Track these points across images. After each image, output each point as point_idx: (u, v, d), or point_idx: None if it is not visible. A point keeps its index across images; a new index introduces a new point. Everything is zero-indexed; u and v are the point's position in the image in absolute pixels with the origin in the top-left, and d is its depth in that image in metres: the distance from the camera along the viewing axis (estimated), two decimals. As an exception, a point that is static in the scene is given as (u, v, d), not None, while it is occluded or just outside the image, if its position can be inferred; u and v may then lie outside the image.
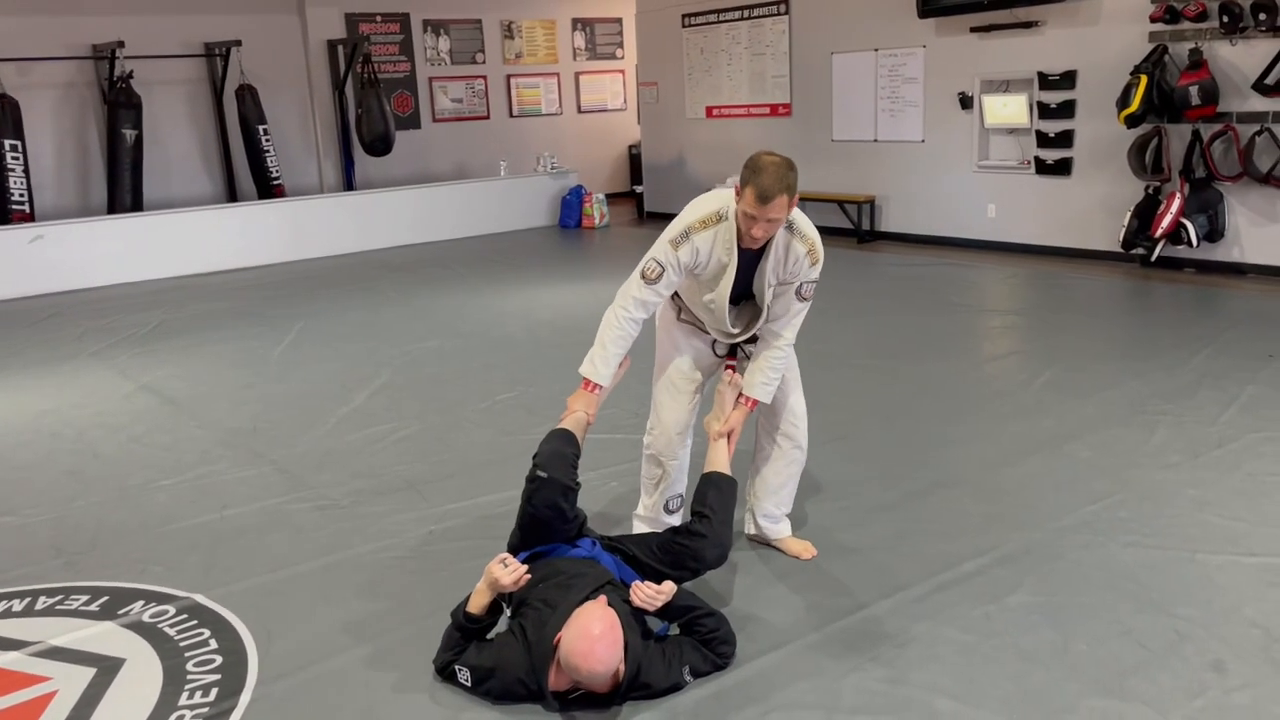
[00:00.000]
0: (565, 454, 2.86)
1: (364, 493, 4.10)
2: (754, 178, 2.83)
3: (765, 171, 2.82)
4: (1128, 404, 4.72)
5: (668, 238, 3.00)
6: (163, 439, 4.89)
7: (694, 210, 3.03)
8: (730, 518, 2.98)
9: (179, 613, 3.18)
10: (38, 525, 3.93)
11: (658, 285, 3.00)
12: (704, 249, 2.98)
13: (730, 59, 11.18)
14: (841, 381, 5.31)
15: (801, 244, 3.04)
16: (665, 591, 2.63)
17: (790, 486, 3.41)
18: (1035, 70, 8.47)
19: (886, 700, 2.58)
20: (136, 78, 10.06)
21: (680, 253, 2.97)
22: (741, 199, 2.87)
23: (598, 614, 2.50)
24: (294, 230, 10.34)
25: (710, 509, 2.91)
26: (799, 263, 3.05)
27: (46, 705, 2.71)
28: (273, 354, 6.42)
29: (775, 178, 2.81)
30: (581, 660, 2.43)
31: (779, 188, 2.81)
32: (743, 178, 2.88)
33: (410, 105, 12.64)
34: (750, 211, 2.84)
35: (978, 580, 3.16)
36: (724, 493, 2.99)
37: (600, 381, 3.02)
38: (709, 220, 2.98)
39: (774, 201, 2.81)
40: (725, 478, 3.03)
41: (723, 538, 2.90)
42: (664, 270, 2.98)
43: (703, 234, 2.98)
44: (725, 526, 2.92)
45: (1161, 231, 7.57)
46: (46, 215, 9.93)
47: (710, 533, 2.86)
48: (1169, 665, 2.67)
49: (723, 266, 3.01)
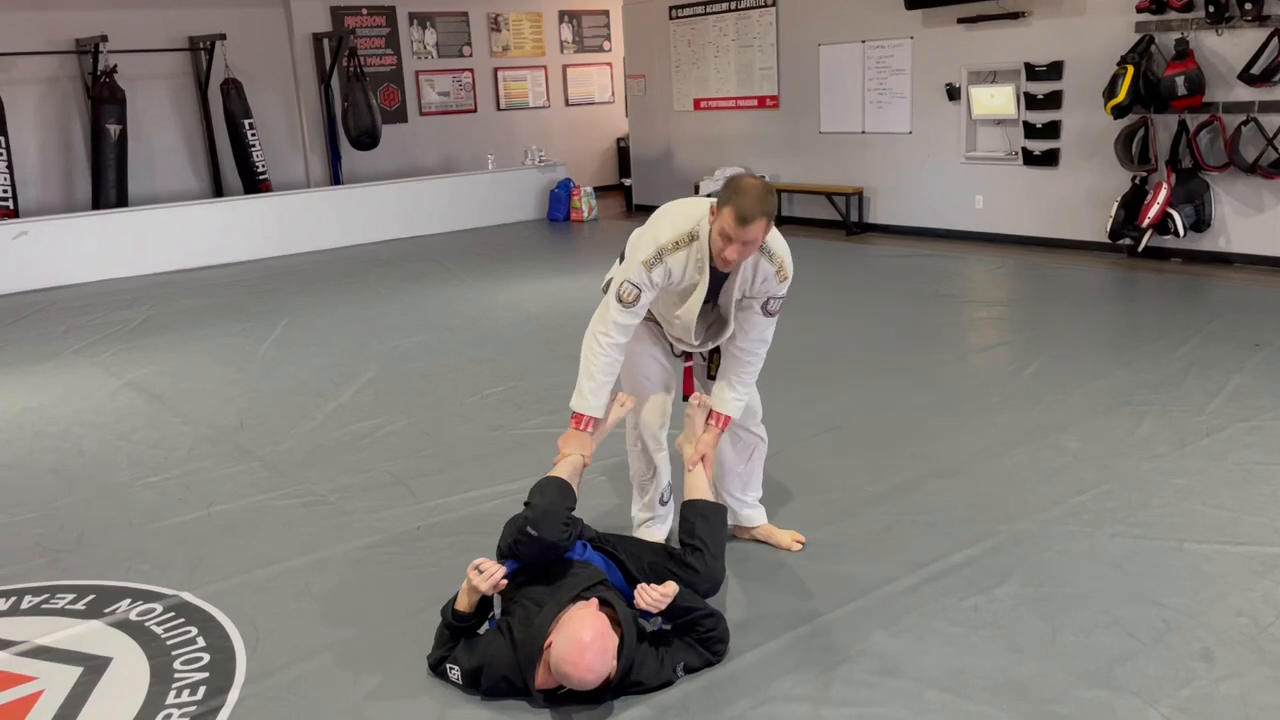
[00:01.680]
0: (558, 513, 2.73)
1: (352, 488, 4.09)
2: (735, 198, 2.77)
3: (747, 194, 2.76)
4: (1115, 394, 4.73)
5: (640, 258, 2.92)
6: (148, 436, 4.86)
7: (667, 226, 2.95)
8: (722, 550, 2.94)
9: (166, 611, 3.16)
10: (22, 524, 3.90)
11: (635, 307, 2.93)
12: (676, 270, 2.93)
13: (718, 51, 11.16)
14: (830, 373, 5.31)
15: (770, 263, 2.99)
16: (669, 593, 2.61)
17: (756, 471, 3.39)
18: (1022, 61, 8.47)
19: (876, 692, 2.58)
20: (120, 72, 9.98)
21: (654, 274, 2.91)
22: (719, 217, 2.81)
23: (588, 621, 2.48)
24: (280, 225, 10.29)
25: (701, 541, 2.87)
26: (767, 280, 3.01)
27: (33, 705, 2.69)
28: (259, 350, 6.39)
29: (756, 200, 2.75)
30: (572, 669, 2.42)
31: (759, 211, 2.75)
32: (722, 197, 2.81)
33: (397, 99, 12.58)
34: (728, 231, 2.77)
35: (966, 571, 3.16)
36: (712, 523, 2.94)
37: (594, 414, 2.94)
38: (681, 241, 2.91)
39: (753, 224, 2.75)
40: (711, 506, 2.99)
41: (715, 571, 2.86)
42: (640, 292, 2.92)
43: (675, 255, 2.92)
44: (717, 559, 2.89)
45: (1148, 221, 7.59)
46: (30, 211, 9.86)
47: (703, 567, 2.83)
48: (1157, 655, 2.68)
49: (694, 285, 2.96)
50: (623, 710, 2.54)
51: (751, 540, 3.43)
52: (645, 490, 3.37)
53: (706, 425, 3.13)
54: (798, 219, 10.64)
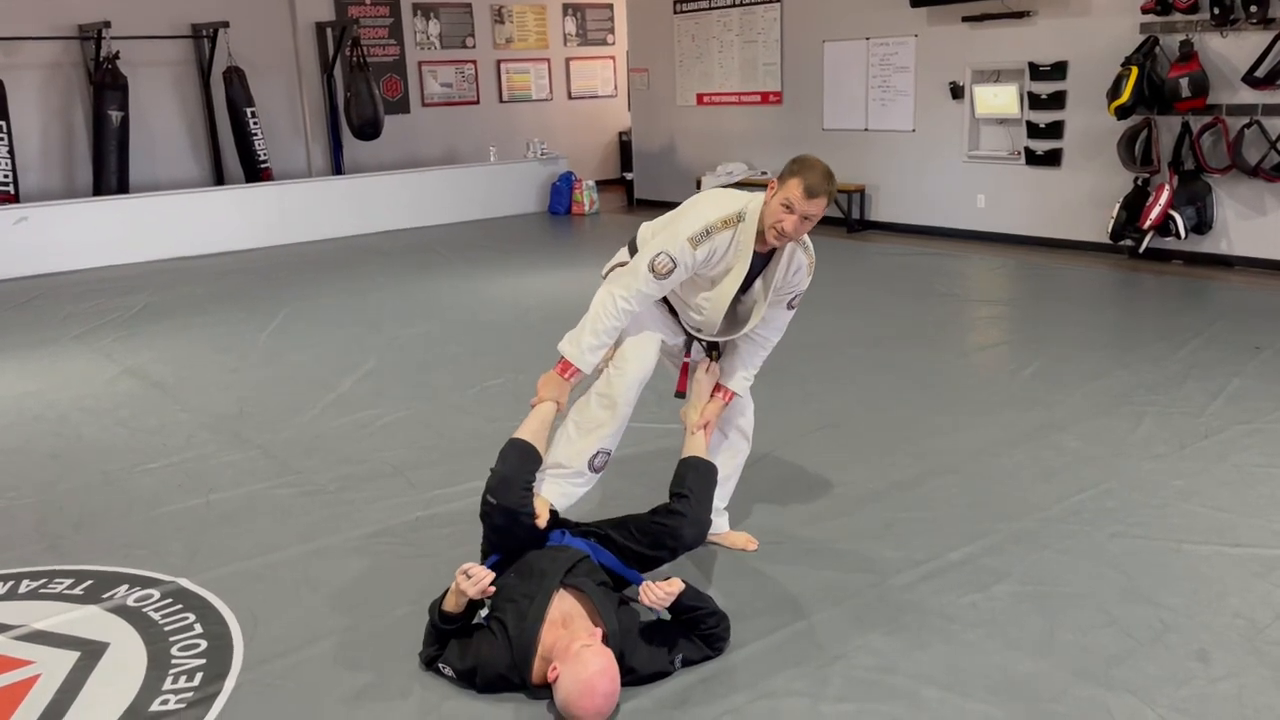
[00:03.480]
0: (516, 479, 2.74)
1: (351, 478, 4.08)
2: (804, 172, 2.80)
3: (815, 169, 2.81)
4: (1115, 394, 4.73)
5: (686, 234, 2.86)
6: (148, 422, 4.85)
7: (713, 207, 2.92)
8: (709, 499, 2.96)
9: (164, 597, 3.16)
10: (20, 508, 3.90)
11: (665, 281, 2.88)
12: (721, 249, 2.89)
13: (721, 46, 11.14)
14: (830, 370, 5.31)
15: (805, 255, 3.04)
16: (673, 590, 2.60)
17: (734, 479, 3.36)
18: (1026, 60, 8.46)
19: (873, 688, 2.58)
20: (123, 59, 9.95)
21: (699, 251, 2.86)
22: (783, 188, 2.81)
23: (587, 659, 2.42)
24: (281, 214, 10.27)
25: (689, 489, 2.90)
26: (799, 273, 3.04)
27: (30, 689, 2.69)
28: (259, 338, 6.38)
29: (824, 178, 2.80)
30: (584, 712, 2.40)
31: (825, 188, 2.79)
32: (788, 169, 2.84)
33: (399, 89, 12.55)
34: (793, 202, 2.78)
35: (965, 569, 3.16)
36: (703, 475, 2.98)
37: (584, 368, 2.91)
38: (731, 220, 2.89)
39: (819, 199, 2.79)
40: (705, 461, 3.02)
41: (701, 517, 2.89)
42: (675, 267, 2.86)
43: (724, 234, 2.88)
44: (703, 506, 2.91)
45: (1150, 223, 7.58)
46: (31, 197, 9.84)
47: (689, 511, 2.84)
48: (1154, 655, 2.69)
49: (729, 269, 2.93)
50: (621, 703, 2.54)
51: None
52: (585, 435, 2.97)
53: (713, 396, 3.13)
54: (799, 216, 10.61)
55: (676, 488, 2.93)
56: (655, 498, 3.72)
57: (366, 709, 2.58)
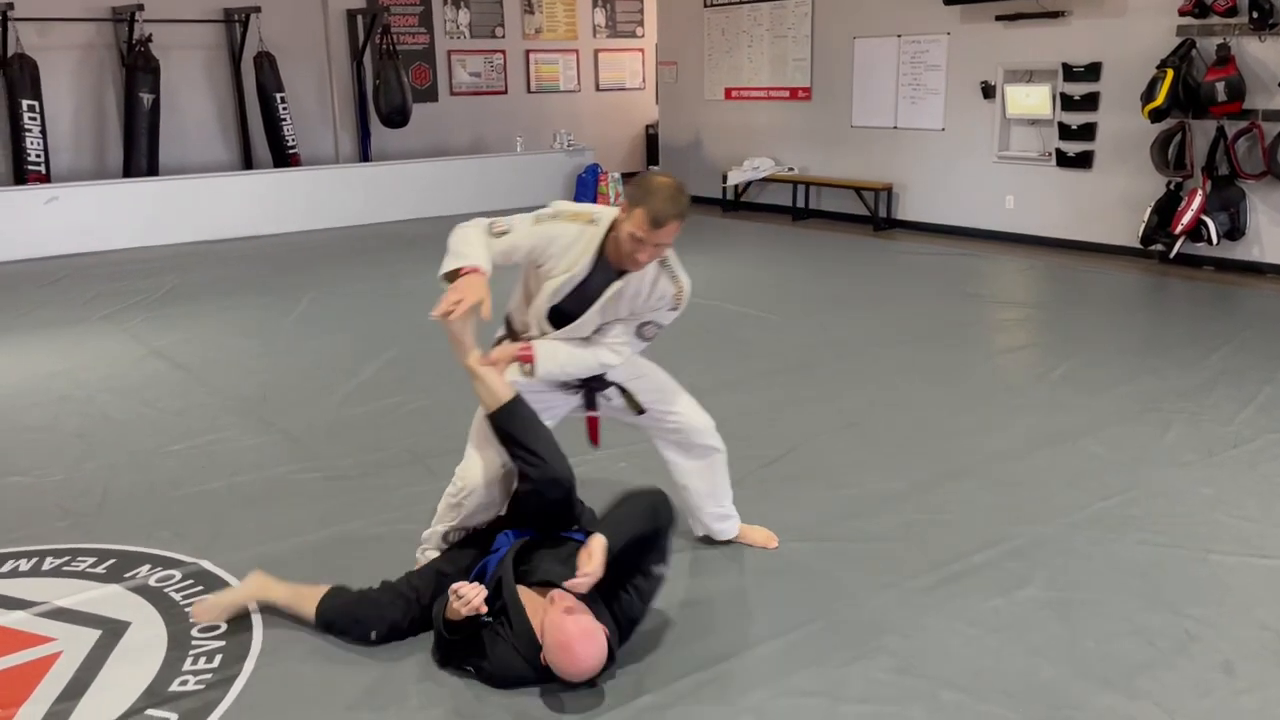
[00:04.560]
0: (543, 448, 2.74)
1: (372, 465, 4.10)
2: (648, 199, 2.63)
3: (660, 193, 2.64)
4: (1143, 400, 4.68)
5: (534, 214, 2.80)
6: (173, 404, 4.89)
7: (570, 203, 2.85)
8: (544, 445, 2.76)
9: (185, 578, 3.18)
10: (46, 486, 3.93)
11: (496, 241, 2.74)
12: (560, 242, 2.75)
13: (751, 40, 11.09)
14: (854, 369, 5.28)
15: (671, 284, 2.84)
16: (593, 570, 2.49)
17: (723, 483, 3.22)
18: (1060, 61, 8.37)
19: (892, 690, 2.56)
20: (155, 42, 10.01)
21: (538, 227, 2.75)
22: (629, 218, 2.66)
23: (558, 622, 2.45)
24: (309, 200, 10.32)
25: (520, 450, 2.74)
26: (662, 300, 2.84)
27: (51, 665, 2.72)
28: (284, 323, 6.41)
29: (669, 201, 2.63)
30: (576, 669, 2.45)
31: (673, 212, 2.63)
32: (633, 197, 2.67)
33: (428, 78, 12.57)
34: (640, 235, 2.63)
35: (986, 573, 3.14)
36: (520, 422, 2.75)
37: (484, 266, 2.69)
38: (581, 216, 2.77)
39: (667, 227, 2.63)
40: (508, 406, 2.77)
41: (550, 472, 2.73)
42: (509, 234, 2.74)
43: (568, 226, 2.76)
44: (547, 459, 2.73)
45: (1182, 228, 7.49)
46: (62, 177, 9.92)
47: (538, 475, 2.72)
48: (1177, 665, 2.65)
49: (568, 269, 2.76)
50: (634, 698, 2.54)
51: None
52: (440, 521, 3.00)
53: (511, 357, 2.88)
54: (825, 213, 10.58)
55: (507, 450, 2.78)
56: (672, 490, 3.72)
57: (385, 694, 2.58)
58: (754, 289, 7.26)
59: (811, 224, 10.36)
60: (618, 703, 2.52)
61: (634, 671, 2.65)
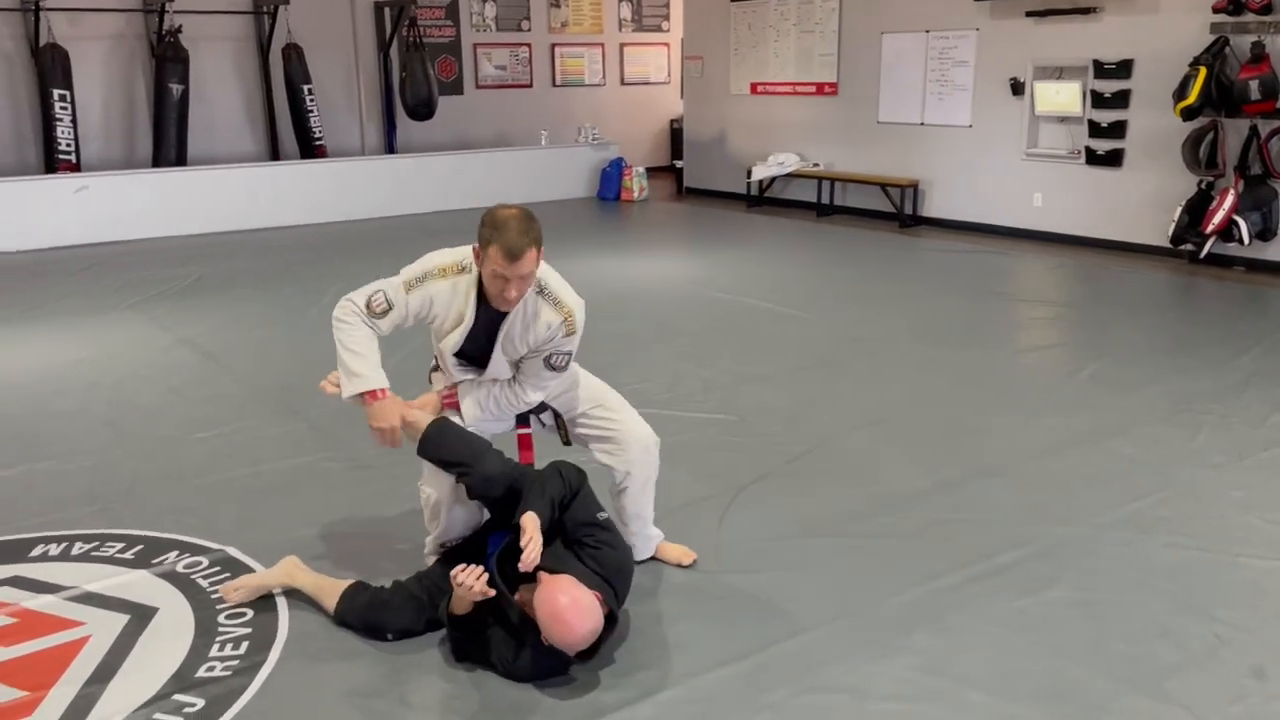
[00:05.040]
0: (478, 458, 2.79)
1: (397, 454, 4.08)
2: (498, 235, 2.60)
3: (508, 227, 2.61)
4: (1172, 401, 4.63)
5: (402, 278, 2.81)
6: (199, 392, 4.92)
7: (439, 256, 2.84)
8: (470, 449, 2.80)
9: (212, 564, 3.21)
10: (75, 472, 3.97)
11: (380, 321, 2.81)
12: (440, 299, 2.78)
13: (778, 35, 11.04)
14: (880, 367, 5.25)
15: (555, 312, 2.79)
16: (531, 542, 2.51)
17: (650, 498, 3.13)
18: (1091, 58, 8.29)
19: (918, 689, 2.54)
20: (185, 33, 10.08)
21: (411, 297, 2.78)
22: (486, 260, 2.65)
23: (545, 596, 2.49)
24: (334, 191, 10.37)
25: (452, 469, 2.80)
26: (551, 331, 2.80)
27: (80, 649, 2.74)
28: (309, 313, 6.44)
29: (520, 232, 2.61)
30: (572, 637, 2.47)
31: (526, 242, 2.61)
32: (484, 237, 2.65)
33: (454, 70, 12.60)
34: (500, 271, 2.62)
35: (1013, 573, 3.11)
36: (435, 445, 2.83)
37: (383, 385, 2.84)
38: (449, 269, 2.78)
39: (524, 257, 2.61)
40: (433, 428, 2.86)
41: (481, 472, 2.75)
42: (390, 309, 2.79)
43: (440, 283, 2.78)
44: (473, 464, 2.76)
45: (1213, 228, 7.41)
46: (92, 166, 10.01)
47: (472, 482, 2.77)
48: (1207, 668, 2.62)
49: (460, 319, 2.80)
50: (657, 691, 2.54)
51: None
52: (429, 531, 3.07)
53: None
54: (850, 209, 10.53)
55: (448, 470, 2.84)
56: (697, 482, 3.71)
57: (408, 686, 2.59)
58: (779, 285, 7.23)
59: (836, 220, 10.31)
60: (641, 696, 2.52)
61: (658, 665, 2.65)
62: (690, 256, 8.57)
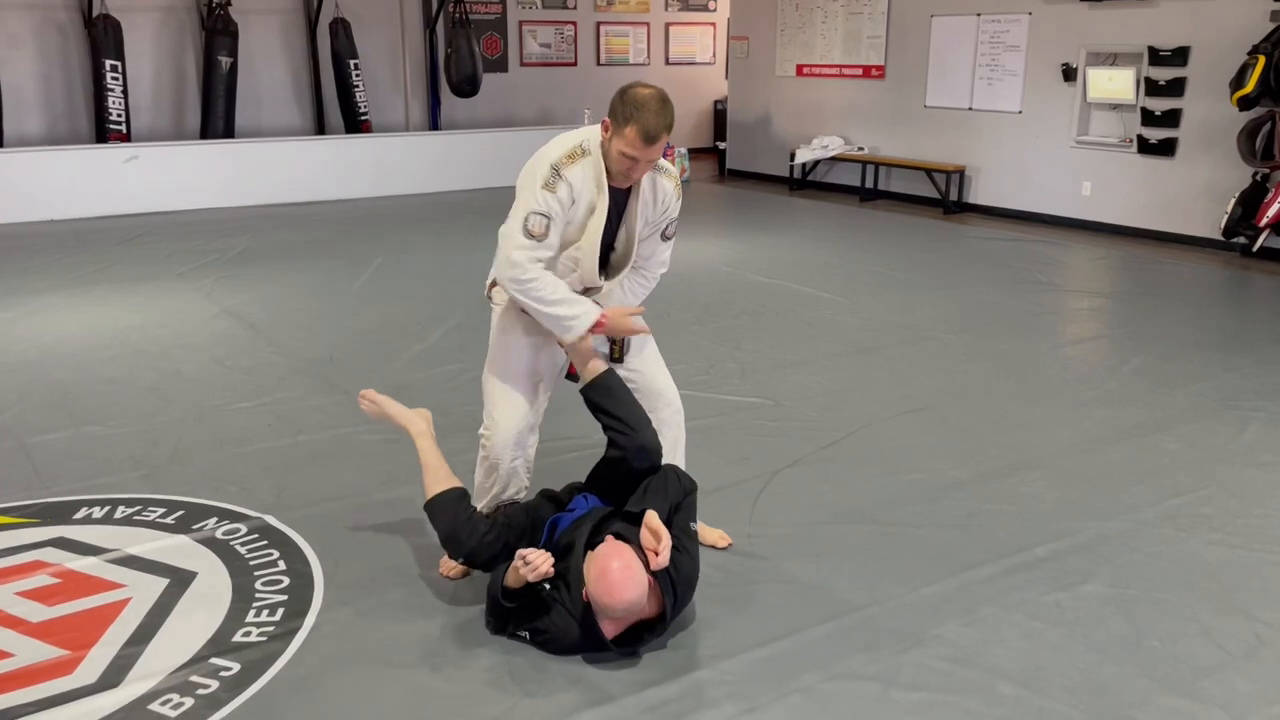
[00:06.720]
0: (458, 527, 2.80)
1: (435, 429, 4.12)
2: (638, 115, 2.54)
3: (648, 108, 2.55)
4: (1219, 397, 4.54)
5: (537, 185, 2.64)
6: (243, 362, 4.98)
7: (552, 149, 2.70)
8: (636, 415, 2.79)
9: (250, 532, 3.25)
10: (120, 437, 4.04)
11: (546, 241, 2.65)
12: (577, 184, 2.65)
13: (825, 17, 10.92)
14: (922, 354, 5.20)
15: (668, 180, 2.81)
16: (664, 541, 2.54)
17: (680, 450, 3.07)
18: (1146, 44, 8.11)
19: (948, 680, 2.53)
20: (234, 6, 10.17)
21: (559, 193, 2.63)
22: (618, 137, 2.59)
23: (604, 552, 2.52)
24: (378, 166, 10.43)
25: (613, 421, 2.78)
26: (667, 199, 2.81)
27: (121, 610, 2.80)
28: (351, 287, 6.50)
29: (658, 115, 2.56)
30: (610, 598, 2.45)
31: (662, 126, 2.57)
32: (621, 114, 2.58)
33: (499, 48, 12.60)
34: (632, 153, 2.57)
35: (1049, 566, 3.07)
36: (615, 397, 2.79)
37: (601, 311, 2.75)
38: (575, 154, 2.66)
39: (659, 142, 2.57)
40: (602, 380, 2.82)
41: (640, 441, 2.76)
42: (549, 220, 2.63)
43: (573, 168, 2.64)
44: (637, 429, 2.76)
45: (1267, 221, 7.25)
46: (142, 136, 10.15)
47: (629, 444, 2.76)
48: (1247, 669, 2.58)
49: (592, 208, 2.70)
50: (685, 673, 2.54)
51: None
52: (483, 496, 3.06)
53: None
54: (895, 194, 10.41)
55: (602, 422, 2.82)
56: (731, 465, 3.70)
57: (442, 655, 2.62)
58: (820, 270, 7.18)
59: (880, 205, 10.21)
60: (670, 676, 2.53)
61: (687, 647, 2.65)
62: (730, 239, 8.53)
